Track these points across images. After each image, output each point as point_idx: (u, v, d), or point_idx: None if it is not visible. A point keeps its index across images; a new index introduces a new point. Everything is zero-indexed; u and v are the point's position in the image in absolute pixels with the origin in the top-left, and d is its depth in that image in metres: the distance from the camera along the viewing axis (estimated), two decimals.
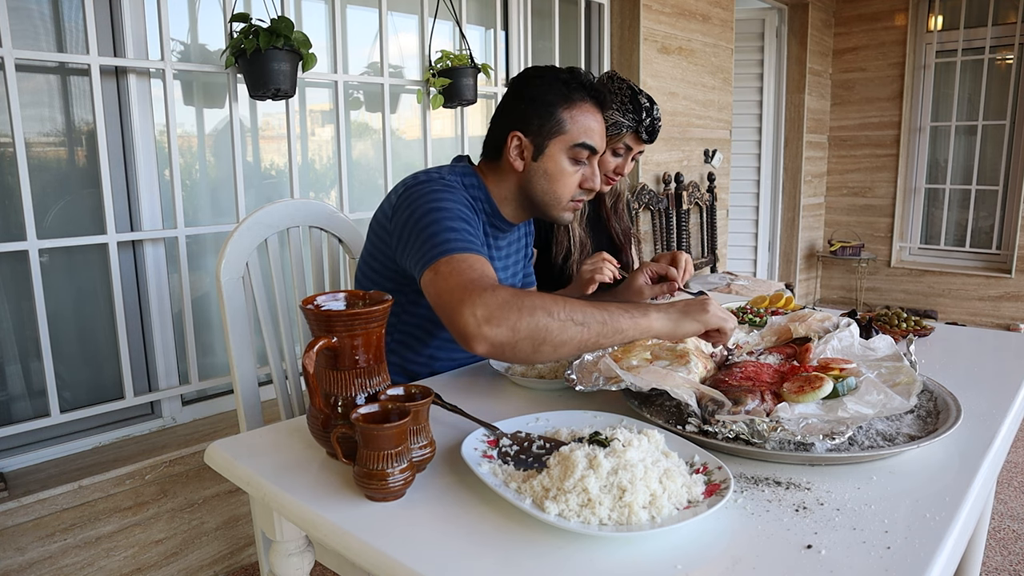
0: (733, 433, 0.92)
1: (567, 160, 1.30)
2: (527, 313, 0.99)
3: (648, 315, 1.08)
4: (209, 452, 0.99)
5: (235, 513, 2.09)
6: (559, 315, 1.01)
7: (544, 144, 1.28)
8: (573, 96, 1.28)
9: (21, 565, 1.71)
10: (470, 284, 1.03)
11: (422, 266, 1.11)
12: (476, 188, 1.34)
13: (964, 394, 1.08)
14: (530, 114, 1.28)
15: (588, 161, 1.32)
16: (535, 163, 1.30)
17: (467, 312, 1.00)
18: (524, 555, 0.71)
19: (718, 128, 4.08)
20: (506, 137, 1.30)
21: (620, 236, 1.98)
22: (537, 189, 1.32)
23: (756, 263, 5.11)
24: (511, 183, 1.34)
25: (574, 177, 1.31)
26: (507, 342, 1.00)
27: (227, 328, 1.36)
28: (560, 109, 1.27)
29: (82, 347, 2.01)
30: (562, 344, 1.02)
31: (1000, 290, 4.82)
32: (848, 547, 0.72)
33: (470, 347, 1.01)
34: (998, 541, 2.27)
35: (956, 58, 4.91)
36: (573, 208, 1.36)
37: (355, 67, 2.58)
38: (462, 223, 1.16)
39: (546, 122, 1.27)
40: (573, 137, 1.28)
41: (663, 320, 1.09)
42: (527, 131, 1.29)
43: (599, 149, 1.32)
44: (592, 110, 1.30)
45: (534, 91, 1.29)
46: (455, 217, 1.16)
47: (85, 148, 1.98)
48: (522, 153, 1.30)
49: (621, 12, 3.45)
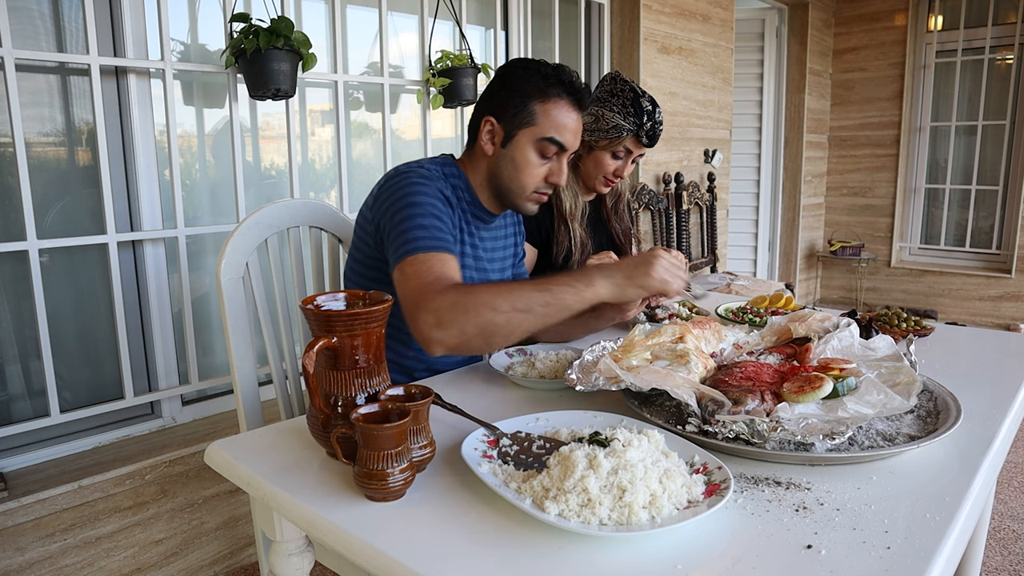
0: (733, 433, 0.92)
1: (534, 152, 1.32)
2: (473, 313, 1.06)
3: (593, 284, 1.12)
4: (209, 452, 0.99)
5: (235, 513, 2.09)
6: (503, 308, 1.07)
7: (514, 132, 1.32)
8: (550, 91, 1.30)
9: (21, 565, 1.71)
10: (424, 288, 1.10)
11: (393, 262, 1.19)
12: (456, 178, 1.38)
13: (964, 394, 1.08)
14: (505, 101, 1.31)
15: (556, 157, 1.35)
16: (503, 150, 1.34)
17: (420, 319, 1.08)
18: (524, 555, 0.71)
19: (718, 128, 4.08)
20: (481, 121, 1.35)
21: (620, 236, 1.98)
22: (503, 176, 1.35)
23: (756, 263, 5.11)
24: (483, 168, 1.38)
25: (539, 169, 1.34)
26: (459, 344, 1.08)
27: (227, 328, 1.36)
28: (534, 101, 1.30)
29: (82, 347, 2.01)
30: (511, 333, 1.09)
31: (1000, 290, 4.82)
32: (848, 547, 0.72)
33: (429, 352, 1.09)
34: (998, 541, 2.27)
35: (956, 58, 4.91)
36: (536, 200, 1.38)
37: (355, 67, 2.58)
38: (432, 219, 1.20)
39: (519, 111, 1.31)
40: (542, 130, 1.31)
41: (608, 286, 1.12)
42: (500, 118, 1.32)
43: (568, 147, 1.34)
44: (567, 108, 1.32)
45: (514, 80, 1.32)
46: (426, 213, 1.20)
47: (85, 148, 1.98)
48: (493, 138, 1.34)
49: (621, 12, 3.45)
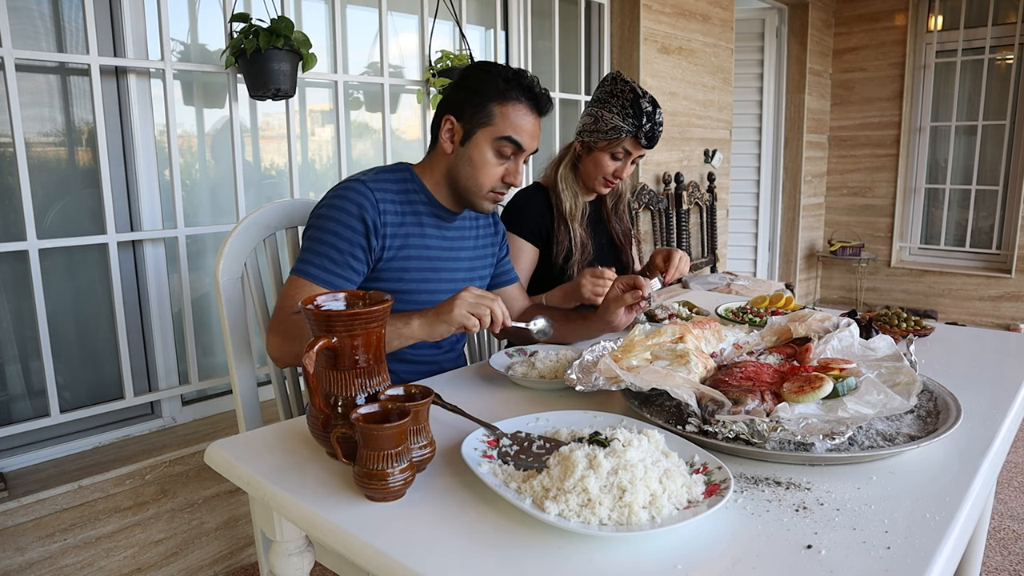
0: (733, 433, 0.92)
1: (491, 151, 1.35)
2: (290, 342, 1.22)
3: (410, 323, 1.20)
4: (209, 452, 0.99)
5: (235, 513, 2.09)
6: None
7: (472, 131, 1.35)
8: (509, 94, 1.34)
9: (21, 565, 1.71)
10: (277, 312, 1.27)
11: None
12: (408, 182, 1.41)
13: (964, 394, 1.08)
14: (464, 101, 1.35)
15: (513, 157, 1.37)
16: (462, 148, 1.37)
17: (268, 335, 1.27)
18: (524, 555, 0.71)
19: (718, 128, 4.08)
20: (441, 120, 1.37)
21: (620, 237, 1.97)
22: (461, 174, 1.38)
23: (756, 263, 5.11)
24: (441, 166, 1.41)
25: (496, 169, 1.37)
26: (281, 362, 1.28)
27: (226, 328, 1.36)
28: (493, 103, 1.33)
29: (82, 347, 2.01)
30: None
31: (1000, 290, 4.82)
32: (848, 547, 0.72)
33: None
34: (998, 541, 2.27)
35: (956, 58, 4.91)
36: (493, 199, 1.41)
37: (355, 67, 2.58)
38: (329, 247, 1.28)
39: (478, 111, 1.34)
40: (499, 130, 1.34)
41: (422, 325, 1.19)
42: (460, 117, 1.36)
43: (526, 148, 1.37)
44: (525, 111, 1.36)
45: (474, 81, 1.36)
46: (326, 241, 1.28)
47: (85, 148, 1.98)
48: (452, 136, 1.37)
49: (621, 12, 3.45)
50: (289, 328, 1.23)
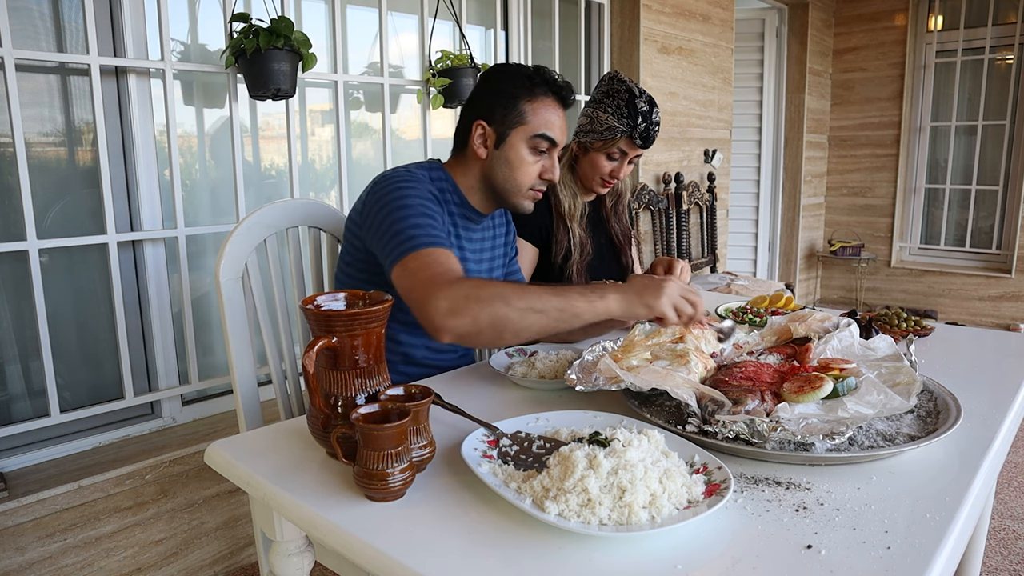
0: (733, 433, 0.92)
1: (527, 150, 1.36)
2: (487, 304, 1.06)
3: (605, 297, 1.13)
4: (209, 452, 0.99)
5: (235, 513, 2.09)
6: (517, 304, 1.08)
7: (506, 133, 1.35)
8: (536, 90, 1.35)
9: (21, 565, 1.71)
10: (436, 278, 1.11)
11: (391, 261, 1.19)
12: (443, 181, 1.40)
13: (964, 394, 1.08)
14: (494, 104, 1.35)
15: (548, 153, 1.38)
16: (497, 151, 1.37)
17: (432, 305, 1.07)
18: (524, 555, 0.71)
19: (718, 128, 4.08)
20: (471, 126, 1.37)
21: (619, 237, 1.97)
22: (498, 177, 1.38)
23: (756, 263, 5.11)
24: (475, 171, 1.40)
25: (534, 167, 1.38)
26: (470, 332, 1.08)
27: (226, 328, 1.36)
28: (522, 101, 1.34)
29: (82, 347, 2.01)
30: (522, 331, 1.10)
31: (1000, 290, 4.82)
32: (848, 547, 0.72)
33: (437, 337, 1.09)
34: (998, 541, 2.27)
35: (956, 58, 4.91)
36: (532, 197, 1.42)
37: (355, 67, 2.58)
38: (426, 218, 1.22)
39: (509, 112, 1.34)
40: (533, 128, 1.35)
41: (619, 302, 1.13)
42: (491, 120, 1.35)
43: (559, 142, 1.38)
44: (554, 105, 1.37)
45: (499, 83, 1.36)
46: (419, 213, 1.22)
47: (85, 148, 1.98)
48: (485, 141, 1.37)
49: (621, 12, 3.45)
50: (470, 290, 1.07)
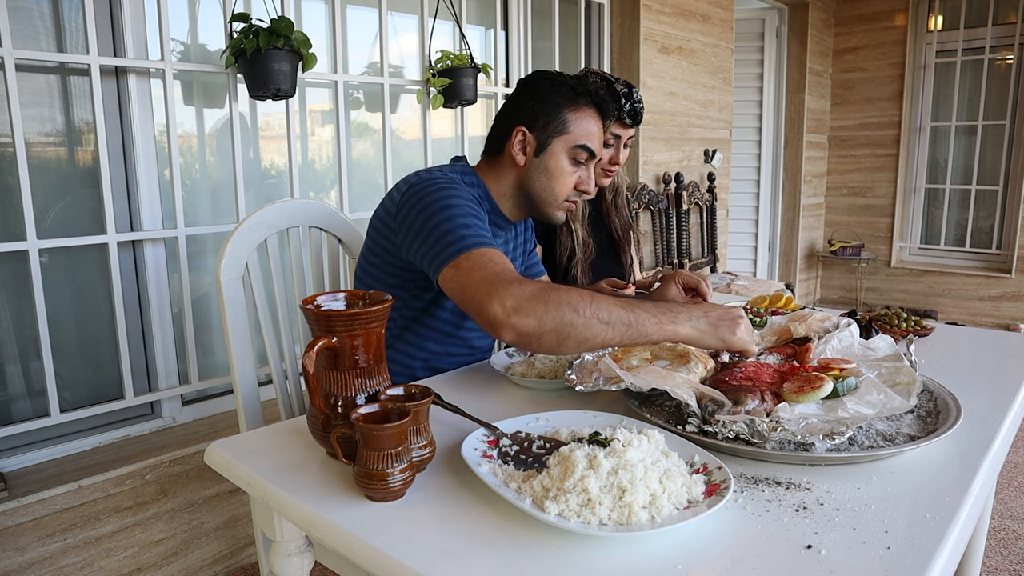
0: (733, 433, 0.92)
1: (567, 159, 1.34)
2: (554, 307, 1.02)
3: (676, 321, 1.07)
4: (209, 452, 0.99)
5: (235, 513, 2.09)
6: (585, 312, 1.03)
7: (548, 141, 1.33)
8: (579, 100, 1.34)
9: (21, 565, 1.71)
10: (496, 277, 1.07)
11: (440, 263, 1.14)
12: (476, 187, 1.38)
13: (964, 394, 1.08)
14: (537, 112, 1.33)
15: (586, 164, 1.37)
16: (536, 159, 1.34)
17: (496, 302, 1.04)
18: (524, 555, 0.71)
19: (718, 128, 4.08)
20: (511, 132, 1.34)
21: (620, 231, 1.98)
22: (536, 185, 1.36)
23: (756, 263, 5.11)
24: (510, 178, 1.38)
25: (572, 177, 1.36)
26: (533, 333, 1.03)
27: (227, 328, 1.36)
28: (566, 110, 1.33)
29: (82, 347, 2.01)
30: (586, 340, 1.04)
31: (1000, 290, 4.82)
32: (848, 547, 0.71)
33: (498, 335, 1.05)
34: (998, 541, 2.27)
35: (956, 58, 4.91)
36: (567, 208, 1.40)
37: (355, 67, 2.58)
38: (473, 219, 1.19)
39: (552, 120, 1.32)
40: (575, 138, 1.33)
41: (690, 330, 1.08)
42: (532, 127, 1.33)
43: (598, 154, 1.37)
44: (594, 116, 1.36)
45: (543, 91, 1.34)
46: (466, 214, 1.19)
47: (85, 148, 1.98)
48: (525, 148, 1.35)
49: (621, 12, 3.45)
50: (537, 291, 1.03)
